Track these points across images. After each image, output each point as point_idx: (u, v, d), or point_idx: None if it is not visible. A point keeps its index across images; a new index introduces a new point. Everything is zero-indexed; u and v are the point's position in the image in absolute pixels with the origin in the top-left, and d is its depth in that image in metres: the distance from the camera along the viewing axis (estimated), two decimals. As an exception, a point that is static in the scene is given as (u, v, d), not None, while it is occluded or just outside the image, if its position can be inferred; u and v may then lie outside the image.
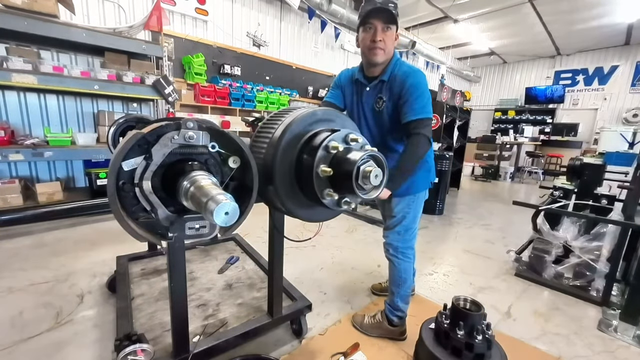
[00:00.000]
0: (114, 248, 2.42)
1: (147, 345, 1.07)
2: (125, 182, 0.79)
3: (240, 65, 4.90)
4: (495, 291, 2.17)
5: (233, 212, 0.67)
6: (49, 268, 2.12)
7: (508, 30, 7.25)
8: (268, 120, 1.06)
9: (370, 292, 2.05)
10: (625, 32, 7.10)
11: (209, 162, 0.90)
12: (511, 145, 7.96)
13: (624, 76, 8.02)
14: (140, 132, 0.78)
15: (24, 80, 2.60)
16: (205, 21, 4.53)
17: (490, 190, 6.22)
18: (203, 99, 4.28)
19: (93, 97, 3.54)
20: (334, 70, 6.51)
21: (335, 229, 3.24)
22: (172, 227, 0.85)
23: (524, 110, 9.55)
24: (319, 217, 1.05)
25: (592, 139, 8.37)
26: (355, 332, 1.63)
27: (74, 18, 3.31)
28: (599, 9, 5.93)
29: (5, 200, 2.74)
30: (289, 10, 5.42)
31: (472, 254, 2.82)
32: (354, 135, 0.90)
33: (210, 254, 2.09)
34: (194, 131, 0.83)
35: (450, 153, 4.17)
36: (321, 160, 0.86)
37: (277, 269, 1.39)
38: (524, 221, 3.64)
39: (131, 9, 3.87)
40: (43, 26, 2.64)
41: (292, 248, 2.57)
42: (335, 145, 0.85)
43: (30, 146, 2.75)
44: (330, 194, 0.89)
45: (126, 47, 3.19)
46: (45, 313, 1.66)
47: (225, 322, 1.40)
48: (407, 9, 6.39)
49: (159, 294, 1.61)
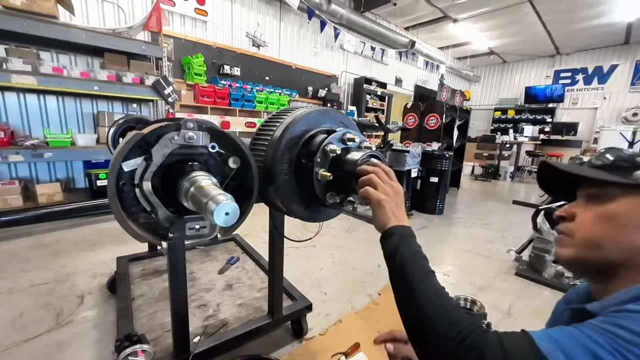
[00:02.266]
0: (114, 249, 2.42)
1: (147, 346, 1.07)
2: (125, 183, 0.79)
3: (240, 65, 4.90)
4: (496, 291, 2.17)
5: (233, 213, 0.67)
6: (49, 269, 2.12)
7: (507, 29, 7.25)
8: (268, 120, 1.06)
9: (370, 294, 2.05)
10: (625, 31, 7.11)
11: (209, 162, 0.90)
12: (511, 145, 7.96)
13: (624, 75, 8.03)
14: (140, 133, 0.78)
15: (23, 81, 2.59)
16: (204, 22, 4.53)
17: (490, 190, 6.22)
18: (203, 99, 4.28)
19: (93, 97, 3.54)
20: (334, 70, 6.52)
21: (335, 229, 3.24)
22: (173, 228, 0.85)
23: (524, 109, 9.56)
24: (319, 217, 1.05)
25: (592, 138, 8.38)
26: (355, 332, 1.63)
27: (74, 19, 3.31)
28: (599, 8, 5.93)
29: (5, 201, 2.73)
30: (288, 10, 5.42)
31: (472, 254, 2.82)
32: (350, 135, 0.89)
33: (210, 255, 2.09)
34: (194, 132, 0.83)
35: (450, 153, 4.16)
36: (320, 164, 0.86)
37: (277, 269, 1.39)
38: (524, 220, 3.65)
39: (130, 9, 3.87)
40: (42, 27, 2.64)
41: (292, 248, 2.57)
42: (334, 148, 0.85)
43: (30, 147, 2.75)
44: (332, 196, 0.89)
45: (126, 48, 3.19)
46: (45, 314, 1.66)
47: (225, 322, 1.40)
48: (406, 9, 6.40)
49: (159, 294, 1.61)
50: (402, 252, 0.58)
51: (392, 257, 0.59)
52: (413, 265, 0.56)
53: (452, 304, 0.50)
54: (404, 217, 0.66)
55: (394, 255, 0.58)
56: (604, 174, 0.53)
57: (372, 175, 0.70)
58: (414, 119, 5.13)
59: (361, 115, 6.49)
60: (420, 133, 5.08)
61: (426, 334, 0.49)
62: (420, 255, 0.59)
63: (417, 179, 4.03)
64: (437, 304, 0.50)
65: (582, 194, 0.58)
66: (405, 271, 0.56)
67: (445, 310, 0.49)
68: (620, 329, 0.39)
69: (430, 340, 0.48)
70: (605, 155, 0.57)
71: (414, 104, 5.29)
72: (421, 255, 0.59)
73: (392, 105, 7.56)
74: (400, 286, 0.56)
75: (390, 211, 0.65)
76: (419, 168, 3.93)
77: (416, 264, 0.57)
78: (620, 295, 0.47)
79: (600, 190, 0.54)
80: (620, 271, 0.50)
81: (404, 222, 0.64)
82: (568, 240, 0.57)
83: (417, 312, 0.51)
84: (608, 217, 0.51)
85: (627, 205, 0.50)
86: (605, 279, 0.53)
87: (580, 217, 0.56)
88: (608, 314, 0.43)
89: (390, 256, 0.59)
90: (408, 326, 0.53)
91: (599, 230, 0.52)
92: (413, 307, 0.52)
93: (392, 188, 0.68)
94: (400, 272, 0.56)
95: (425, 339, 0.49)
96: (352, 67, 6.91)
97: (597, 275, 0.55)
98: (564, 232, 0.58)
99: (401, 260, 0.57)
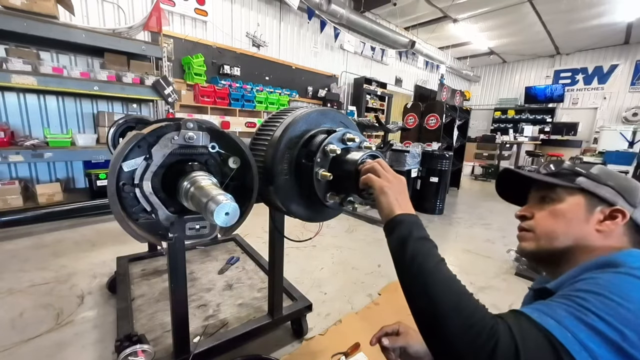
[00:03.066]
0: (114, 249, 2.42)
1: (147, 346, 1.07)
2: (125, 183, 0.79)
3: (240, 65, 4.90)
4: (496, 290, 2.17)
5: (233, 213, 0.67)
6: (49, 269, 2.12)
7: (507, 29, 7.25)
8: (268, 120, 1.06)
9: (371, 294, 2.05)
10: (625, 31, 7.11)
11: (209, 162, 0.90)
12: (511, 145, 7.95)
13: (624, 75, 8.03)
14: (141, 133, 0.78)
15: (23, 82, 2.59)
16: (204, 22, 4.53)
17: (490, 190, 6.22)
18: (203, 99, 4.28)
19: (93, 98, 3.54)
20: (334, 70, 6.52)
21: (335, 229, 3.24)
22: (173, 228, 0.85)
23: (524, 109, 9.56)
24: (319, 217, 1.05)
25: (592, 138, 8.38)
26: (355, 332, 1.63)
27: (74, 19, 3.31)
28: (599, 8, 5.93)
29: (5, 201, 2.74)
30: (288, 10, 5.42)
31: (473, 254, 2.82)
32: (350, 135, 0.90)
33: (210, 255, 2.09)
34: (194, 132, 0.83)
35: (450, 153, 4.16)
36: (320, 164, 0.86)
37: (277, 269, 1.39)
38: (524, 220, 3.64)
39: (130, 9, 3.87)
40: (42, 27, 2.64)
41: (292, 248, 2.57)
42: (334, 148, 0.85)
43: (30, 147, 2.75)
44: (332, 196, 0.89)
45: (126, 48, 3.19)
46: (45, 314, 1.66)
47: (225, 322, 1.40)
48: (406, 9, 6.40)
49: (160, 294, 1.61)
50: (412, 242, 0.57)
51: (401, 248, 0.57)
52: (425, 253, 0.55)
53: (466, 294, 0.50)
54: (408, 204, 0.65)
55: (403, 246, 0.57)
56: (557, 179, 0.66)
57: (375, 164, 0.72)
58: (414, 119, 5.13)
59: (361, 115, 6.48)
60: (420, 133, 5.08)
61: (442, 325, 0.48)
62: (431, 244, 0.58)
63: (417, 179, 4.03)
64: (452, 295, 0.50)
65: (535, 196, 0.71)
66: (416, 262, 0.54)
67: (461, 301, 0.49)
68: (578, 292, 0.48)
69: (446, 331, 0.47)
70: (549, 165, 0.71)
71: (414, 104, 5.28)
72: (432, 244, 0.58)
73: (392, 105, 7.56)
74: (412, 278, 0.54)
75: (394, 198, 0.64)
76: (419, 168, 3.93)
77: (428, 253, 0.56)
78: (571, 272, 0.58)
79: (550, 193, 0.66)
80: (570, 255, 0.62)
81: (410, 210, 0.64)
82: (530, 235, 0.68)
83: (432, 305, 0.50)
84: (560, 214, 0.64)
85: (573, 203, 0.63)
86: (559, 264, 0.64)
87: (538, 215, 0.67)
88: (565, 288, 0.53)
89: (399, 246, 0.58)
90: (421, 318, 0.52)
91: (554, 224, 0.64)
92: (427, 299, 0.50)
93: (395, 177, 0.69)
94: (411, 263, 0.55)
95: (441, 331, 0.48)
96: (352, 67, 6.91)
97: (552, 263, 0.66)
98: (525, 228, 0.69)
99: (413, 251, 0.55)
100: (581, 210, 0.62)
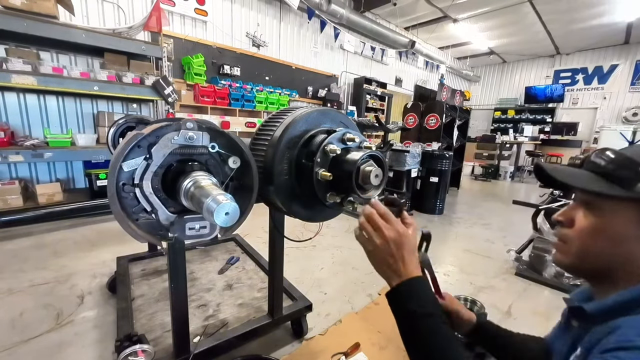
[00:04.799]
0: (114, 249, 2.42)
1: (147, 346, 1.07)
2: (125, 183, 0.78)
3: (240, 65, 4.90)
4: (496, 290, 2.17)
5: (233, 213, 0.67)
6: (49, 269, 2.12)
7: (507, 29, 7.26)
8: (268, 120, 1.06)
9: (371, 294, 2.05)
10: (625, 31, 7.11)
11: (209, 162, 0.89)
12: (511, 145, 7.96)
13: (624, 75, 8.03)
14: (141, 133, 0.78)
15: (23, 82, 2.59)
16: (204, 22, 4.53)
17: (490, 190, 6.22)
18: (203, 99, 4.28)
19: (93, 97, 3.54)
20: (334, 70, 6.52)
21: (335, 229, 3.24)
22: (173, 228, 0.85)
23: (524, 109, 9.57)
24: (319, 217, 1.05)
25: (592, 138, 8.38)
26: (355, 332, 1.63)
27: (74, 19, 3.31)
28: (599, 8, 5.93)
29: (5, 201, 2.74)
30: (288, 10, 5.42)
31: (472, 254, 2.82)
32: (350, 135, 0.90)
33: (210, 255, 2.09)
34: (194, 131, 0.83)
35: (450, 152, 4.16)
36: (320, 164, 0.86)
37: (277, 269, 1.39)
38: (524, 220, 3.64)
39: (130, 9, 3.87)
40: (42, 27, 2.64)
41: (292, 248, 2.57)
42: (334, 148, 0.85)
43: (30, 147, 2.75)
44: (332, 196, 0.89)
45: (126, 48, 3.19)
46: (45, 314, 1.66)
47: (225, 322, 1.40)
48: (406, 9, 6.40)
49: (160, 294, 1.61)
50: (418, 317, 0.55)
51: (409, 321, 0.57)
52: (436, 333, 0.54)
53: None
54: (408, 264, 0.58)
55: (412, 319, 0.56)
56: (603, 184, 0.50)
57: (370, 213, 0.61)
58: (414, 119, 5.13)
59: (361, 115, 6.48)
60: (420, 133, 5.08)
61: None
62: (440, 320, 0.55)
63: (417, 179, 4.03)
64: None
65: (579, 197, 0.57)
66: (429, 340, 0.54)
67: None
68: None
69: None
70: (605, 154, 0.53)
71: (414, 104, 5.28)
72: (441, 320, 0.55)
73: (392, 105, 7.56)
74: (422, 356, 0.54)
75: (385, 264, 0.59)
76: (419, 168, 3.93)
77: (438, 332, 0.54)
78: (614, 298, 0.49)
79: (598, 201, 0.52)
80: (614, 274, 0.52)
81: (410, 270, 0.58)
82: (566, 248, 0.56)
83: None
84: (606, 232, 0.51)
85: (626, 219, 0.49)
86: (601, 281, 0.55)
87: (578, 225, 0.54)
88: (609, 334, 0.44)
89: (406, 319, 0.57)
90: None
91: (595, 243, 0.52)
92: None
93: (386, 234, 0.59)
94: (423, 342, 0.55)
95: None
96: (352, 67, 6.91)
97: (593, 278, 0.57)
98: (562, 238, 0.58)
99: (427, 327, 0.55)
100: (635, 227, 0.48)
